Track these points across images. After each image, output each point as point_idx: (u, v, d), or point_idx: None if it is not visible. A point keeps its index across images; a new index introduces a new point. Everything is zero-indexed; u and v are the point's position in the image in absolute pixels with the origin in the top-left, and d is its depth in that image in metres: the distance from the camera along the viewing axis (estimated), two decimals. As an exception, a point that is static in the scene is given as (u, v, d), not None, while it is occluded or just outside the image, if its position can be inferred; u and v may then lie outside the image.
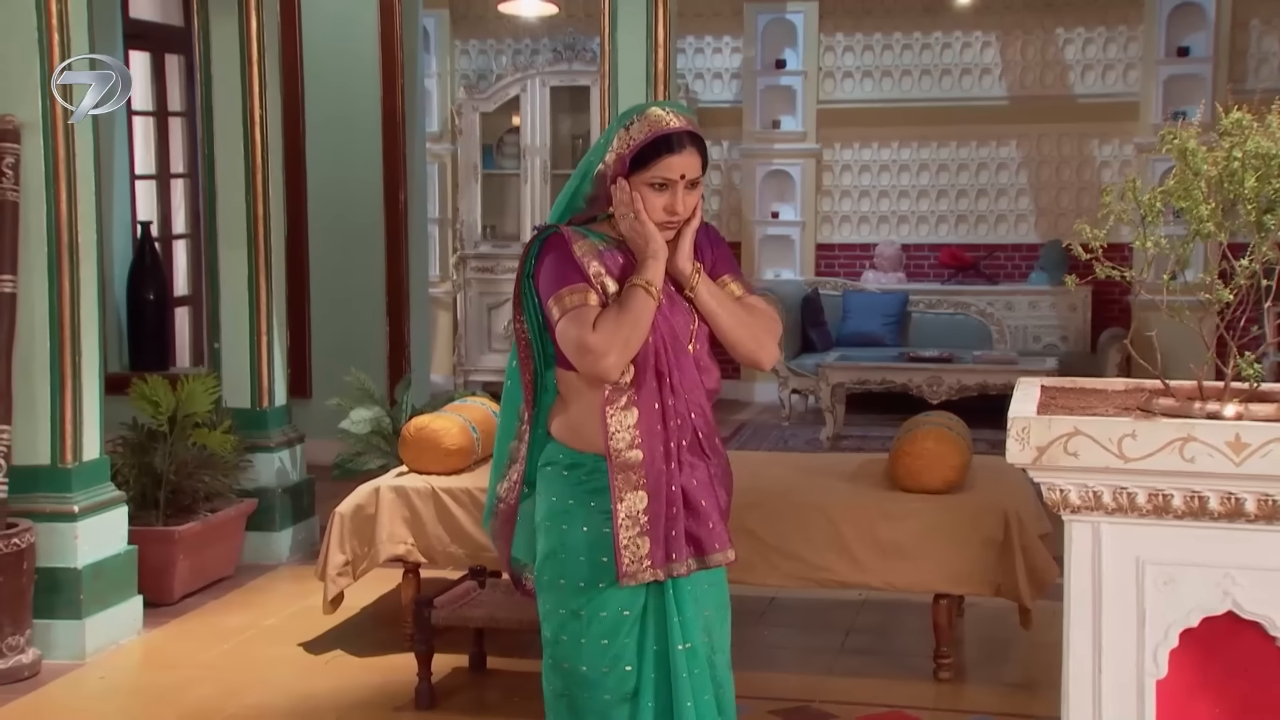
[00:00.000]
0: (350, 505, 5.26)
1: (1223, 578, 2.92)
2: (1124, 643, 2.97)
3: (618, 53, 6.30)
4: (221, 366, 6.68)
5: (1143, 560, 2.97)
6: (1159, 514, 2.94)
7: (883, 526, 4.94)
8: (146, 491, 5.92)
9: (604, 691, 2.96)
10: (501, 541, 3.18)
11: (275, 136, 6.70)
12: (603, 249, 2.98)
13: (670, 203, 2.96)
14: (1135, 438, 2.90)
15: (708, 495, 3.05)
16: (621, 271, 2.97)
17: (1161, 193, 3.08)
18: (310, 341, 8.77)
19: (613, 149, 2.97)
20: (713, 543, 3.03)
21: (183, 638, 5.54)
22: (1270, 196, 3.00)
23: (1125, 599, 2.97)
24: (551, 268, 2.95)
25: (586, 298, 2.90)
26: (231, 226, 6.60)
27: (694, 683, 2.98)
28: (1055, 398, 3.36)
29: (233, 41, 6.51)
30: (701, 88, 12.06)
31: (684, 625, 2.99)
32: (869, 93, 11.85)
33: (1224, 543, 2.91)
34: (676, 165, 2.94)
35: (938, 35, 11.68)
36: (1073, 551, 3.03)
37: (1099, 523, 2.99)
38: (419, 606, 4.76)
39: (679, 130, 2.97)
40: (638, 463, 2.94)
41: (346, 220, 8.68)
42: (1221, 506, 2.89)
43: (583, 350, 2.88)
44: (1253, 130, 2.97)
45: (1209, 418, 2.94)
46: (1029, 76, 11.59)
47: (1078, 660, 3.03)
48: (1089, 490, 2.97)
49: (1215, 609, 2.92)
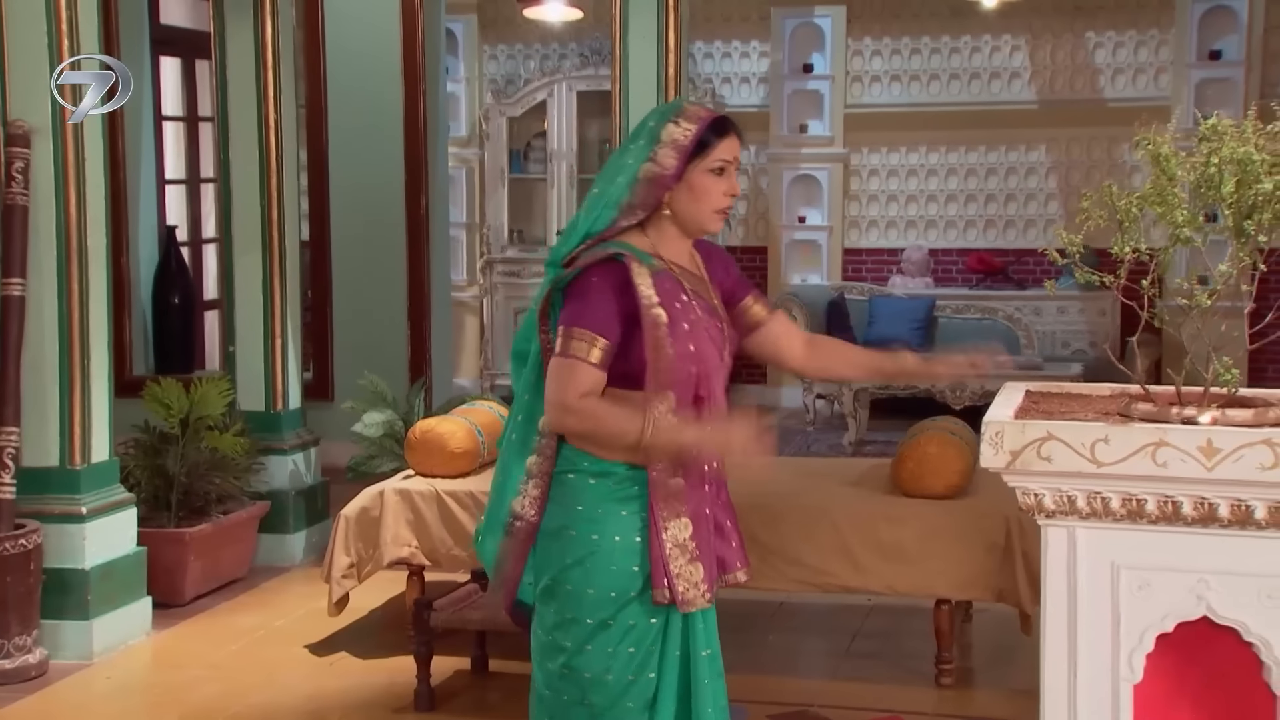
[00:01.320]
0: (355, 508, 5.32)
1: (1197, 583, 2.93)
2: (1099, 647, 2.98)
3: (628, 58, 6.33)
4: (236, 370, 6.75)
5: (1117, 565, 2.98)
6: (1133, 518, 2.95)
7: (885, 530, 4.95)
8: (158, 493, 6.00)
9: (628, 700, 2.96)
10: (515, 560, 3.06)
11: (290, 142, 6.77)
12: (654, 274, 2.95)
13: (730, 186, 3.02)
14: (1108, 442, 2.91)
15: (730, 515, 3.10)
16: (667, 299, 2.94)
17: (1137, 198, 3.10)
18: (332, 345, 8.85)
19: (663, 146, 2.96)
20: (735, 561, 3.09)
21: (191, 638, 5.61)
22: (1251, 201, 3.02)
23: (1100, 603, 2.98)
24: (588, 298, 2.90)
25: (590, 352, 2.87)
26: (246, 231, 6.67)
27: (713, 688, 3.02)
28: (1038, 402, 3.37)
29: (248, 47, 6.58)
30: (729, 92, 12.07)
31: (707, 632, 3.03)
32: (897, 97, 11.83)
33: (1198, 548, 2.92)
34: (731, 147, 3.01)
35: (966, 39, 11.65)
36: (1048, 556, 3.05)
37: (1074, 527, 3.00)
38: (418, 608, 4.81)
39: (722, 115, 3.05)
40: (680, 490, 2.95)
41: (369, 224, 8.75)
42: (1194, 511, 2.90)
43: (558, 404, 2.89)
44: (1230, 136, 2.99)
45: (1184, 423, 2.95)
46: (1059, 80, 11.54)
47: (1053, 665, 3.04)
48: (1063, 495, 2.98)
49: (1190, 614, 2.93)
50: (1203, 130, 3.01)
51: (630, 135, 3.07)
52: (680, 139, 2.96)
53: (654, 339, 2.90)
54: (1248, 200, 2.98)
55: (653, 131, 3.00)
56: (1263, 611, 2.87)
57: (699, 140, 2.97)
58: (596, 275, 2.91)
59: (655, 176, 2.96)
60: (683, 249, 3.08)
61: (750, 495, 5.04)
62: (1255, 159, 2.93)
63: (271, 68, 6.59)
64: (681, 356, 2.93)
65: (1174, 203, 3.02)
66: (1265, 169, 2.93)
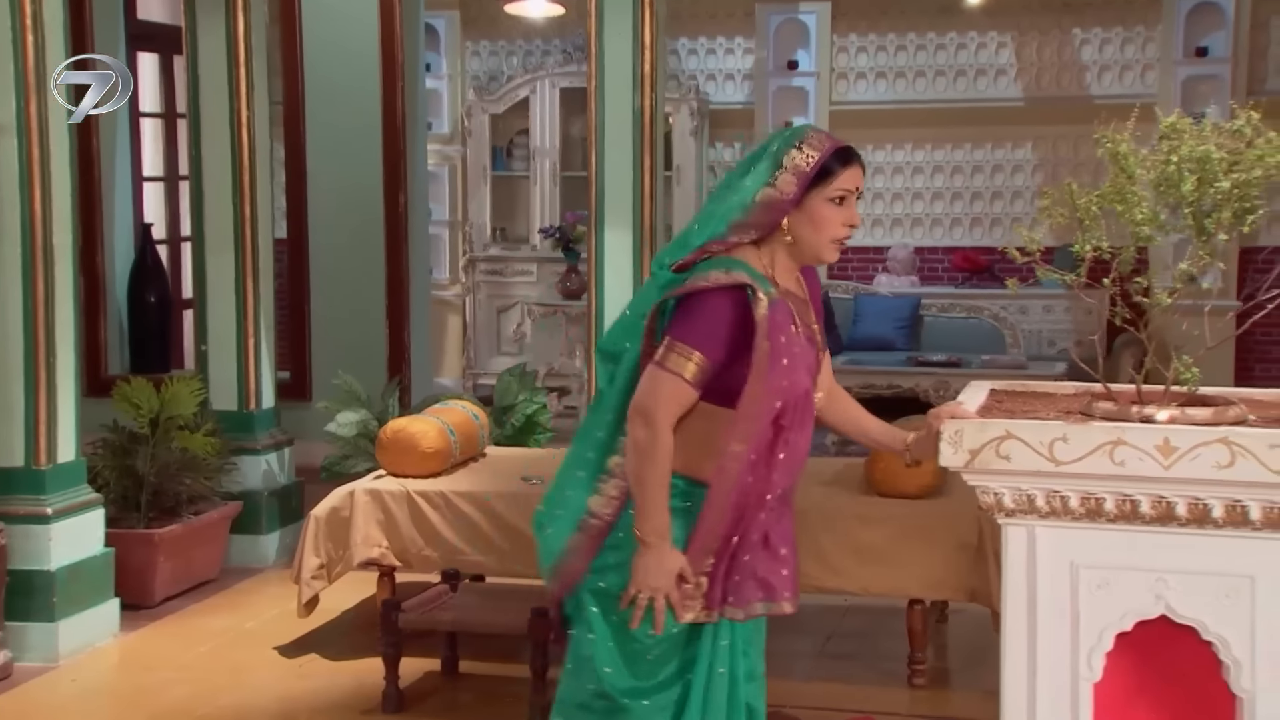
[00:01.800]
0: (325, 508, 5.32)
1: (1155, 582, 2.93)
2: (1059, 646, 2.99)
3: (604, 54, 6.33)
4: (209, 369, 6.75)
5: (1077, 564, 2.99)
6: (1092, 517, 2.96)
7: (858, 531, 4.96)
8: (128, 494, 5.99)
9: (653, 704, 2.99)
10: (583, 557, 3.03)
11: (264, 139, 6.77)
12: (771, 302, 2.92)
13: (849, 216, 3.00)
14: (1066, 441, 2.92)
15: (789, 543, 3.11)
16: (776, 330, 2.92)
17: (1097, 196, 3.12)
18: (310, 344, 8.83)
19: (784, 171, 2.95)
20: (783, 590, 3.08)
21: (160, 640, 5.60)
22: (1213, 199, 3.03)
23: (1060, 602, 2.99)
24: (704, 316, 2.91)
25: (691, 371, 2.88)
26: (219, 229, 6.67)
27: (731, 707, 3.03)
28: (1001, 401, 3.38)
29: (220, 42, 6.57)
30: (713, 89, 12.08)
31: (746, 653, 3.05)
32: (882, 94, 11.83)
33: (1156, 546, 2.93)
34: (854, 178, 3.00)
35: (952, 35, 11.66)
36: (1008, 555, 3.05)
37: (1034, 526, 3.01)
38: (386, 609, 4.82)
39: (846, 144, 3.03)
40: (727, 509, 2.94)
41: (347, 222, 8.73)
42: (1153, 510, 2.91)
43: (644, 411, 2.90)
44: (1190, 134, 3.01)
45: (1142, 421, 2.96)
46: (1045, 77, 11.55)
47: (1013, 664, 3.05)
48: (1022, 494, 2.99)
49: (1148, 613, 2.94)
50: (1162, 129, 3.03)
51: (750, 156, 3.06)
52: (803, 165, 2.95)
53: (757, 372, 2.90)
54: (1208, 199, 3.00)
55: (775, 156, 2.99)
56: (1221, 610, 2.88)
57: (822, 168, 2.96)
58: (719, 298, 2.91)
59: (773, 201, 2.96)
60: (792, 273, 3.08)
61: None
62: (1214, 157, 2.95)
63: (244, 63, 6.59)
64: (775, 390, 2.93)
65: (1133, 201, 3.03)
66: (1224, 168, 2.95)
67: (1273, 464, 2.77)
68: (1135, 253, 3.17)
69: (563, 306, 10.72)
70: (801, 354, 3.01)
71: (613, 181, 6.30)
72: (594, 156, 6.36)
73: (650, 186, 6.35)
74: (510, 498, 5.25)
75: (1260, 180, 2.93)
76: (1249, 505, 2.83)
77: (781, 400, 2.94)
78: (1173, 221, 3.10)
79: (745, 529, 2.99)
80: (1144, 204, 3.03)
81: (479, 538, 5.23)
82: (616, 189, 6.28)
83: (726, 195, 3.03)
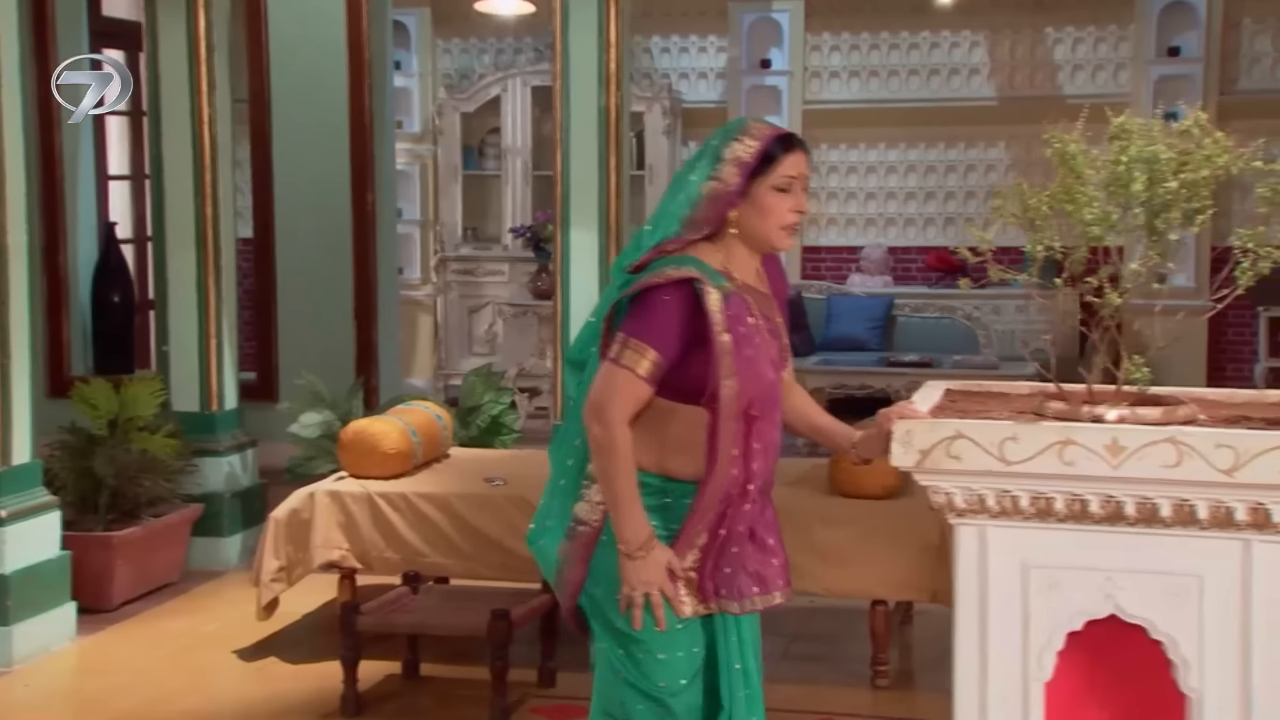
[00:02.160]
0: (285, 510, 5.31)
1: (1105, 581, 2.95)
2: (1010, 646, 3.01)
3: (569, 52, 6.31)
4: (170, 370, 6.73)
5: (1027, 564, 3.01)
6: (1042, 517, 2.98)
7: (820, 532, 4.97)
8: (86, 496, 5.96)
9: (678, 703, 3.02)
10: (577, 564, 3.08)
11: (226, 137, 6.74)
12: (724, 298, 2.96)
13: (795, 203, 3.03)
14: (1016, 441, 2.94)
15: (776, 534, 3.15)
16: (734, 324, 2.96)
17: (1047, 196, 3.15)
18: (277, 344, 8.81)
19: (726, 163, 2.99)
20: (777, 581, 3.13)
21: (117, 644, 5.58)
22: (1163, 199, 3.06)
23: (1011, 602, 3.01)
24: (655, 312, 2.95)
25: (644, 367, 2.92)
26: (180, 228, 6.64)
27: (749, 702, 3.07)
28: (956, 400, 3.40)
29: (181, 39, 6.55)
30: (686, 88, 12.10)
31: (741, 644, 3.08)
32: (856, 93, 11.87)
33: (1105, 546, 2.95)
34: (797, 164, 3.03)
35: (925, 35, 11.70)
36: (959, 555, 3.08)
37: (985, 526, 3.03)
38: (345, 612, 4.81)
39: (788, 132, 3.08)
40: (713, 504, 2.99)
41: (315, 221, 8.71)
42: (1102, 509, 2.93)
43: (598, 408, 2.94)
44: (1139, 134, 3.03)
45: (1093, 421, 2.98)
46: (1018, 76, 11.60)
47: (965, 663, 3.08)
48: (973, 494, 3.01)
49: (1098, 612, 2.96)
50: (1112, 129, 3.06)
51: (697, 153, 3.10)
52: (744, 155, 3.00)
53: (719, 366, 2.93)
54: (1159, 198, 3.03)
55: (717, 150, 3.03)
56: (1169, 609, 2.90)
57: (762, 156, 3.00)
58: (668, 294, 2.95)
59: (718, 194, 3.00)
60: (751, 266, 3.11)
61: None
62: (1163, 157, 2.98)
63: (205, 60, 6.56)
64: (744, 383, 2.96)
65: (1082, 201, 3.06)
66: (1173, 168, 2.98)
67: (1219, 463, 2.79)
68: (1088, 253, 3.19)
69: (534, 307, 10.71)
70: (764, 346, 3.04)
71: (579, 181, 6.29)
72: (559, 156, 6.35)
73: (617, 186, 6.34)
74: (472, 499, 5.24)
75: (1208, 180, 2.96)
76: (1196, 505, 2.86)
77: (749, 392, 2.98)
78: (1125, 221, 3.13)
79: (731, 522, 3.02)
80: (1095, 204, 3.05)
81: (441, 540, 5.22)
82: (582, 189, 6.27)
83: (675, 193, 3.07)
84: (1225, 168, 2.95)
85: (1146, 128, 3.00)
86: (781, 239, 3.06)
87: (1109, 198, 3.09)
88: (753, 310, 3.04)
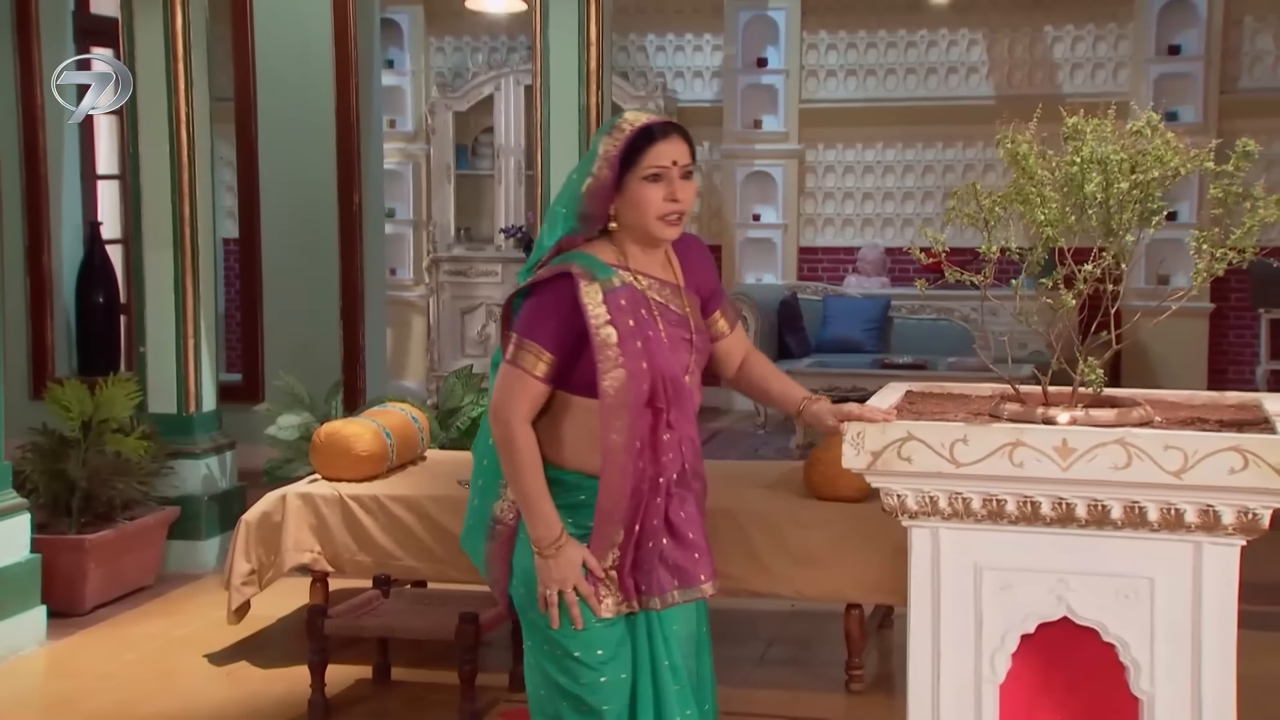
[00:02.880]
0: (256, 513, 5.33)
1: (1057, 583, 2.97)
2: (963, 648, 3.03)
3: (549, 50, 6.35)
4: (146, 371, 6.76)
5: (980, 566, 3.03)
6: (994, 519, 3.00)
7: (794, 535, 4.98)
8: (59, 499, 5.99)
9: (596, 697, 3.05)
10: (500, 563, 3.19)
11: (204, 136, 6.75)
12: (607, 291, 3.03)
13: (669, 192, 3.06)
14: (967, 443, 2.96)
15: (695, 527, 3.17)
16: (622, 315, 3.02)
17: (1000, 197, 3.17)
18: (263, 345, 8.85)
19: (599, 160, 3.05)
20: (698, 574, 3.15)
21: (87, 648, 5.60)
22: (1119, 198, 3.08)
23: (964, 605, 3.03)
24: (538, 310, 3.04)
25: (537, 367, 3.01)
26: (156, 227, 6.66)
27: (679, 697, 3.10)
28: (914, 402, 3.42)
29: (158, 37, 6.56)
30: (681, 86, 12.12)
31: (667, 641, 3.11)
32: (853, 92, 11.89)
33: (1057, 548, 2.97)
34: (666, 152, 3.05)
35: (923, 33, 11.72)
36: (913, 557, 3.09)
37: (937, 528, 3.05)
38: (312, 615, 4.83)
39: (660, 121, 3.12)
40: (622, 500, 3.03)
41: (301, 222, 8.73)
42: (1053, 512, 2.95)
43: (501, 410, 3.04)
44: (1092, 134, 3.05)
45: (1045, 423, 3.00)
46: (1017, 75, 11.62)
47: (918, 665, 3.09)
48: (925, 495, 3.03)
49: (1050, 615, 2.98)
50: (1065, 130, 3.09)
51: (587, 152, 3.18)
52: (611, 150, 3.05)
53: (601, 359, 3.00)
54: (1113, 199, 3.05)
55: (594, 147, 3.11)
56: (1121, 612, 2.92)
57: (626, 150, 3.04)
58: (547, 291, 3.04)
59: (594, 190, 3.06)
60: (654, 258, 3.16)
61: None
62: (1114, 159, 3.00)
63: (182, 59, 6.58)
64: (633, 375, 3.01)
65: (1034, 201, 3.09)
66: (1125, 170, 3.00)
67: (1167, 465, 2.81)
68: (1044, 254, 3.23)
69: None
70: (658, 338, 3.08)
71: (560, 180, 6.31)
72: (540, 155, 6.39)
73: (597, 186, 6.36)
74: (445, 501, 5.26)
75: (1159, 181, 2.99)
76: (1147, 506, 2.87)
77: (649, 384, 3.03)
78: (1081, 223, 3.16)
79: (645, 516, 3.06)
80: (1050, 204, 3.08)
81: (412, 542, 5.24)
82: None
83: (562, 193, 3.14)
84: (1176, 169, 2.97)
85: (1099, 128, 3.03)
86: (661, 229, 3.09)
87: (1064, 198, 3.12)
88: (649, 303, 3.09)
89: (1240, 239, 3.02)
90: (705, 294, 3.25)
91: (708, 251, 3.33)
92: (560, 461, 3.08)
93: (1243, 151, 2.99)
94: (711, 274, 3.29)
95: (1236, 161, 2.97)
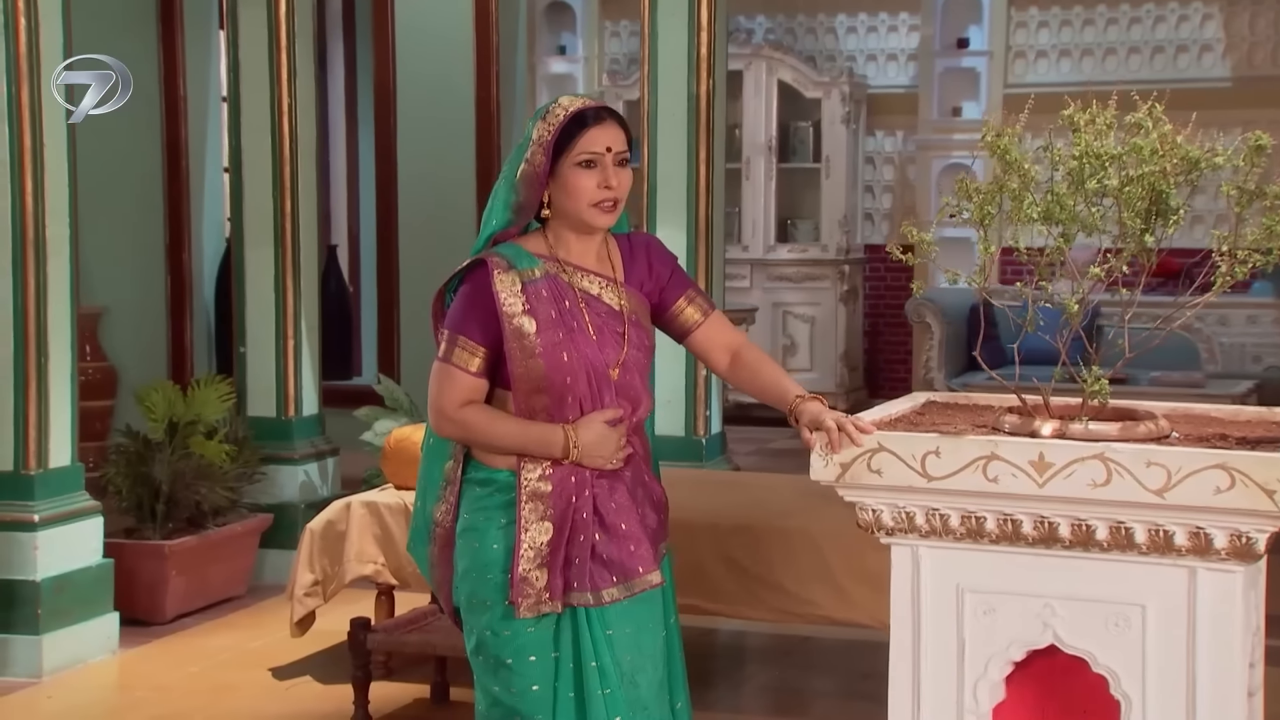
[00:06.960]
0: (321, 521, 5.52)
1: (1042, 608, 2.95)
2: (944, 677, 3.03)
3: (656, 35, 6.44)
4: (246, 372, 7.06)
5: (962, 588, 3.02)
6: (974, 538, 2.99)
7: (872, 557, 4.93)
8: (142, 503, 6.30)
9: (527, 706, 3.18)
10: (441, 566, 3.37)
11: (308, 128, 7.02)
12: (527, 282, 3.19)
13: (603, 179, 3.20)
14: (939, 455, 2.96)
15: (629, 518, 3.26)
16: (543, 306, 3.18)
17: (985, 195, 3.20)
18: (400, 347, 9.16)
19: (533, 145, 3.22)
20: (636, 566, 3.24)
21: (156, 658, 5.87)
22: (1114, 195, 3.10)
23: (946, 629, 3.03)
24: (461, 303, 3.22)
25: (469, 361, 3.19)
26: (257, 223, 6.97)
27: (608, 701, 3.19)
28: (924, 413, 3.42)
29: (261, 25, 6.88)
30: (873, 71, 12.08)
31: (595, 643, 3.20)
32: (1067, 75, 11.64)
33: (1041, 570, 2.95)
34: (600, 138, 3.20)
35: (1149, 7, 11.44)
36: (893, 577, 3.10)
37: (916, 546, 3.05)
38: (354, 630, 5.01)
39: (594, 106, 3.26)
40: (546, 494, 3.19)
41: (438, 220, 8.97)
42: (1035, 531, 2.92)
43: (437, 409, 3.23)
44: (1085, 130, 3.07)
45: (1030, 435, 2.98)
46: (1258, 54, 11.23)
47: (899, 692, 3.10)
48: (901, 511, 3.04)
49: (1037, 642, 2.96)
50: (1061, 123, 3.12)
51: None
52: (544, 135, 3.21)
53: (516, 349, 3.16)
54: (1110, 195, 3.07)
55: (527, 132, 3.26)
56: (1109, 640, 2.87)
57: (560, 135, 3.18)
58: (468, 283, 3.22)
59: (529, 177, 3.23)
60: (588, 248, 3.30)
61: (734, 516, 5.17)
62: (1103, 154, 3.01)
63: (285, 47, 6.87)
64: (553, 367, 3.17)
65: (1022, 199, 3.12)
66: (1119, 165, 3.01)
67: (1149, 483, 2.77)
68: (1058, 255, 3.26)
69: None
70: (583, 329, 3.21)
71: (665, 174, 6.43)
72: (645, 147, 6.49)
73: (707, 180, 6.46)
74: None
75: (1157, 176, 2.98)
76: (1134, 527, 2.83)
77: (571, 376, 3.16)
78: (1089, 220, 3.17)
79: (575, 511, 3.18)
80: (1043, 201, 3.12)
81: (480, 557, 5.37)
82: (669, 183, 6.41)
83: (500, 183, 3.28)
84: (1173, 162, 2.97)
85: (1093, 122, 3.05)
86: (595, 217, 3.21)
87: (1067, 194, 3.16)
88: (574, 294, 3.22)
89: (1261, 240, 2.99)
90: (658, 286, 3.34)
91: (660, 246, 3.42)
92: (492, 461, 3.23)
93: (1255, 145, 2.96)
94: (663, 266, 3.37)
95: (1249, 156, 2.94)
